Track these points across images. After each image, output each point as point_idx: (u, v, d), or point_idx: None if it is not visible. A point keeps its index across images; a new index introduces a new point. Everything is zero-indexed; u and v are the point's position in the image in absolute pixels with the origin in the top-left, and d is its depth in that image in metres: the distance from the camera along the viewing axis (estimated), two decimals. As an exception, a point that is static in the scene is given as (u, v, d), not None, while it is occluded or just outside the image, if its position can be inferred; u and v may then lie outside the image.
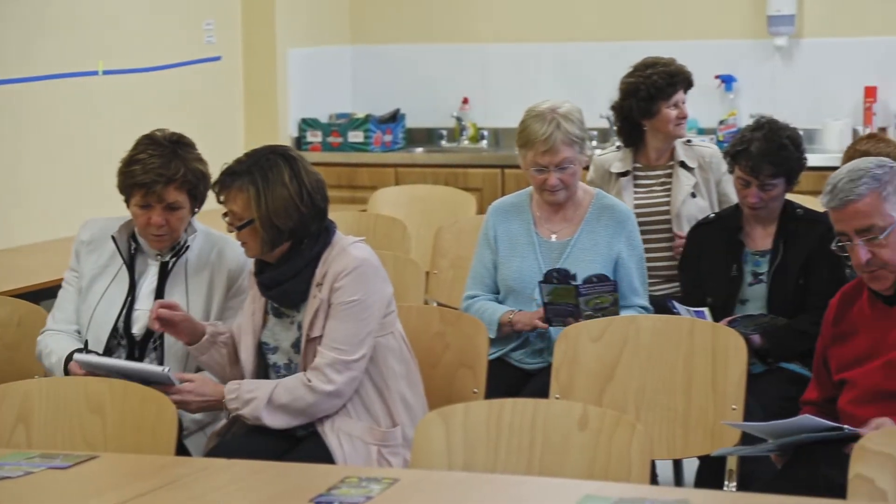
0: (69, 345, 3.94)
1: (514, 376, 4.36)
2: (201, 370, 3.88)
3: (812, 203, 4.63)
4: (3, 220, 5.81)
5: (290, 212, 3.64)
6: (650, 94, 5.06)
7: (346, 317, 3.62)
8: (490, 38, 7.66)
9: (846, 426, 3.36)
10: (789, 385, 4.18)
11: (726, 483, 3.75)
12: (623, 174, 5.11)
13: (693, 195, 5.05)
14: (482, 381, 3.90)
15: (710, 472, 3.94)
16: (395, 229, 5.61)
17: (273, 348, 3.77)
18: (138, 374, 3.57)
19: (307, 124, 7.49)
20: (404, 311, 3.88)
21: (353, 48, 7.89)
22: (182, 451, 3.75)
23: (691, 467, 4.29)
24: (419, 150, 7.59)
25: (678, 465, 4.60)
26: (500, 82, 7.64)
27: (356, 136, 7.45)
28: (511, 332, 4.41)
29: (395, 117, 7.60)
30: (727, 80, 7.17)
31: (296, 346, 3.72)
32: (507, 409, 3.18)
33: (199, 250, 4.00)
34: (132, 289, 3.98)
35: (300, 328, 3.70)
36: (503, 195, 4.79)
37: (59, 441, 3.41)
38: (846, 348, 3.58)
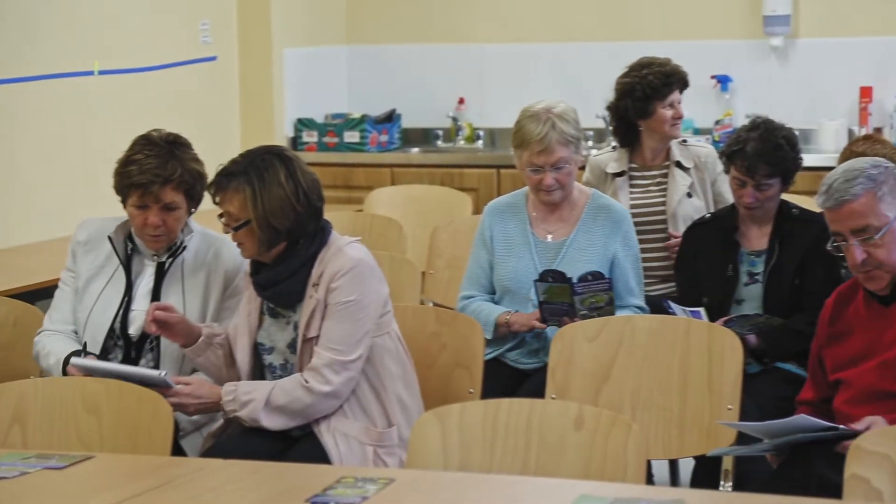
0: (67, 346, 3.93)
1: (510, 376, 4.36)
2: (196, 371, 3.88)
3: (808, 203, 4.63)
4: (-2, 220, 5.82)
5: (287, 212, 3.63)
6: (646, 94, 5.06)
7: (342, 317, 3.62)
8: (486, 38, 7.66)
9: (842, 426, 3.36)
10: (785, 385, 4.19)
11: (722, 483, 3.75)
12: (619, 174, 5.11)
13: (689, 195, 5.05)
14: (478, 382, 3.90)
15: (706, 472, 3.94)
16: (391, 229, 5.61)
17: (269, 349, 3.76)
18: (135, 379, 3.55)
19: (303, 124, 7.49)
20: (400, 311, 3.87)
21: (349, 48, 7.89)
22: (178, 452, 3.74)
23: (687, 467, 4.29)
24: (415, 150, 7.58)
25: (674, 465, 4.60)
26: (496, 82, 7.64)
27: (352, 137, 7.45)
28: (508, 332, 4.41)
29: (391, 117, 7.60)
30: (723, 81, 7.17)
31: (292, 346, 3.72)
32: (503, 410, 3.18)
33: (196, 251, 4.00)
34: (129, 289, 3.98)
35: (296, 328, 3.70)
36: (499, 195, 4.79)
37: (55, 441, 3.41)
38: (841, 348, 3.59)
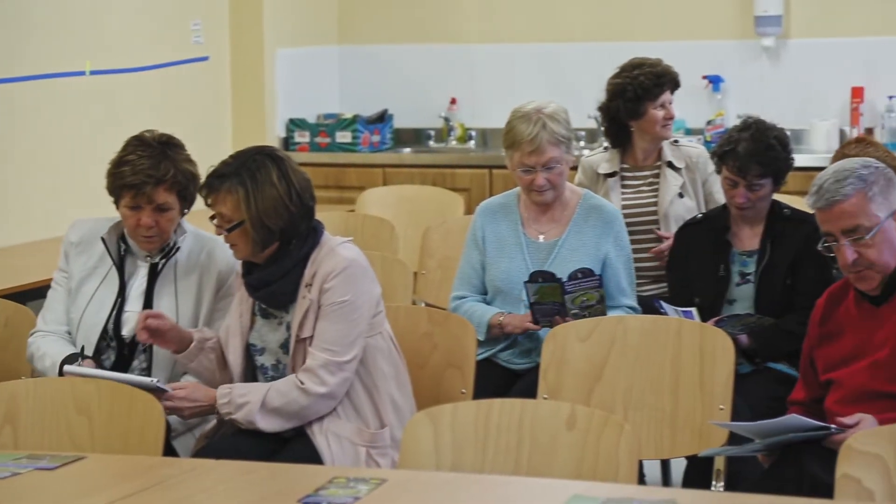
0: (62, 348, 3.92)
1: (502, 376, 4.35)
2: (186, 374, 3.87)
3: (799, 203, 4.63)
4: (-10, 220, 5.82)
5: (280, 211, 3.63)
6: (637, 94, 5.06)
7: (336, 318, 3.62)
8: (478, 38, 7.66)
9: (833, 426, 3.36)
10: (777, 385, 4.19)
11: (714, 483, 3.76)
12: (610, 175, 5.11)
13: (680, 195, 5.05)
14: (470, 382, 3.90)
15: (698, 472, 3.94)
16: (383, 230, 5.60)
17: (260, 349, 3.76)
18: (129, 386, 3.54)
19: (295, 124, 7.48)
20: (392, 311, 3.88)
21: (340, 48, 7.89)
22: (170, 453, 3.73)
23: (679, 467, 4.30)
24: (407, 150, 7.58)
25: (666, 466, 4.60)
26: (488, 83, 7.63)
27: (344, 137, 7.44)
28: (500, 334, 4.41)
29: (382, 118, 7.60)
30: (714, 81, 7.18)
31: (284, 346, 3.71)
32: (495, 410, 3.18)
33: (189, 252, 3.99)
34: (122, 290, 3.97)
35: (289, 329, 3.70)
36: (491, 195, 4.79)
37: (46, 442, 3.40)
38: (833, 348, 3.59)
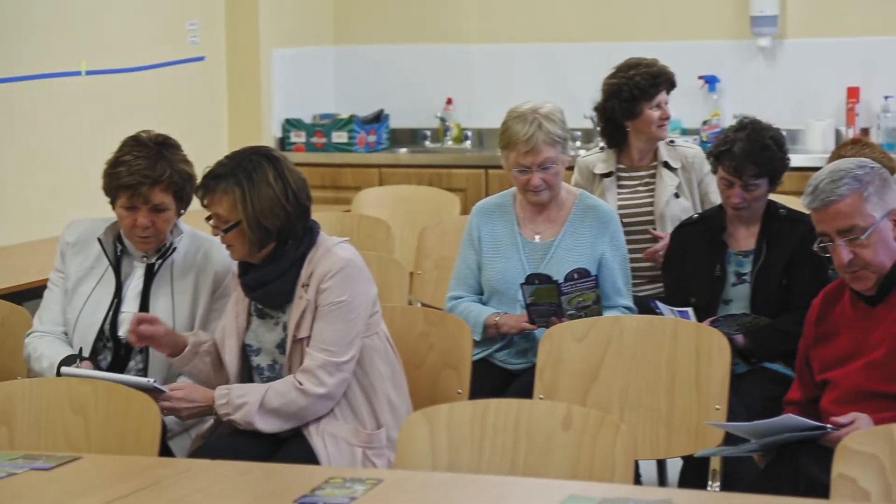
0: (60, 349, 3.92)
1: (499, 377, 4.36)
2: (181, 375, 3.87)
3: (795, 203, 4.63)
4: (-15, 221, 5.81)
5: (277, 211, 3.63)
6: (633, 95, 5.06)
7: (334, 318, 3.62)
8: (474, 38, 7.66)
9: (828, 426, 3.37)
10: (772, 385, 4.19)
11: (710, 483, 3.76)
12: (607, 175, 5.12)
13: (676, 195, 5.05)
14: (466, 382, 3.90)
15: (694, 472, 3.94)
16: (379, 230, 5.61)
17: (256, 350, 3.76)
18: (125, 386, 3.54)
19: (291, 125, 7.48)
20: (388, 311, 3.87)
21: (336, 48, 7.88)
22: (166, 453, 3.73)
23: (675, 467, 4.30)
24: (403, 150, 7.58)
25: (662, 466, 4.60)
26: (485, 83, 7.64)
27: (340, 137, 7.44)
28: (497, 334, 4.41)
29: (378, 118, 7.60)
30: (710, 81, 7.18)
31: (280, 346, 3.71)
32: (491, 410, 3.18)
33: (185, 252, 3.99)
34: (118, 291, 3.97)
35: (285, 329, 3.70)
36: (487, 196, 4.80)
37: (42, 442, 3.40)
38: (828, 349, 3.59)
